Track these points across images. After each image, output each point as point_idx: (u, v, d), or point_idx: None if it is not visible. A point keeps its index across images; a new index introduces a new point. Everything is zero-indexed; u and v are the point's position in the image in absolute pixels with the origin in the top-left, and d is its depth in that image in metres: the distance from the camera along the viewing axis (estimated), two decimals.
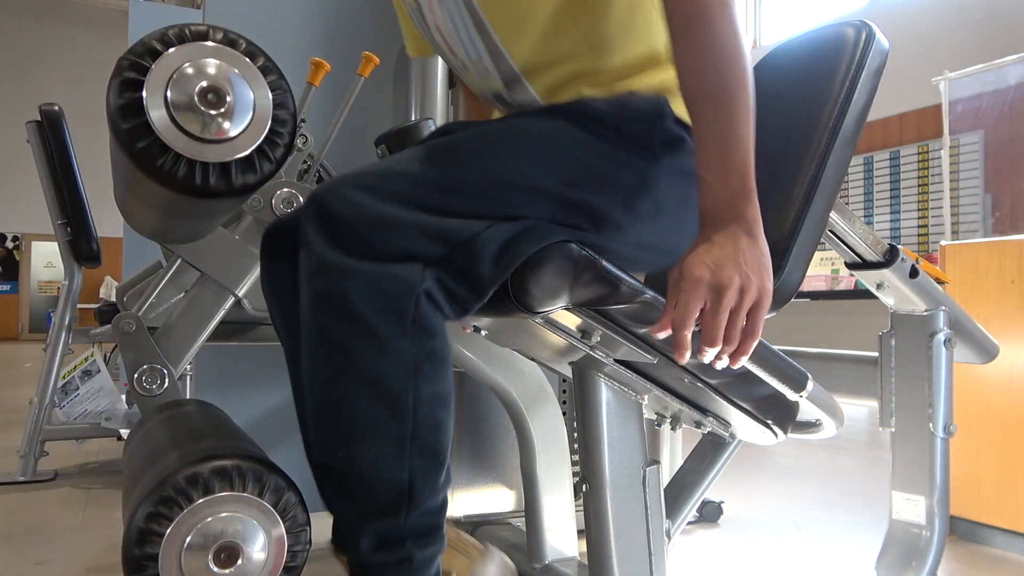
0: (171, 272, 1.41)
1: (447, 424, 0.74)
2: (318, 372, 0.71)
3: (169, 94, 0.68)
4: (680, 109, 0.87)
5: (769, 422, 1.10)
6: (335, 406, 0.70)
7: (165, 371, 1.27)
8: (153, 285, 1.41)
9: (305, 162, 1.48)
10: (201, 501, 0.67)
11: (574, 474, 1.64)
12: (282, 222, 0.82)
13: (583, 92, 0.90)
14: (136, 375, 1.23)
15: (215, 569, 0.66)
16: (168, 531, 0.66)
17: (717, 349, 0.78)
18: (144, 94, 0.67)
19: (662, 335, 0.79)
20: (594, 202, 0.82)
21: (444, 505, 0.76)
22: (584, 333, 0.89)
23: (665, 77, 0.91)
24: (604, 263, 0.82)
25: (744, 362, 0.81)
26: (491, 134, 0.85)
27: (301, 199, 1.38)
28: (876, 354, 1.42)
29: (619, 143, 0.84)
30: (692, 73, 0.80)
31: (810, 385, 1.06)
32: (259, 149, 0.73)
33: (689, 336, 0.77)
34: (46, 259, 13.63)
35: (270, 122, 0.73)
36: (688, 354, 0.78)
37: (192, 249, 1.31)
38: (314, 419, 0.73)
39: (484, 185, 0.76)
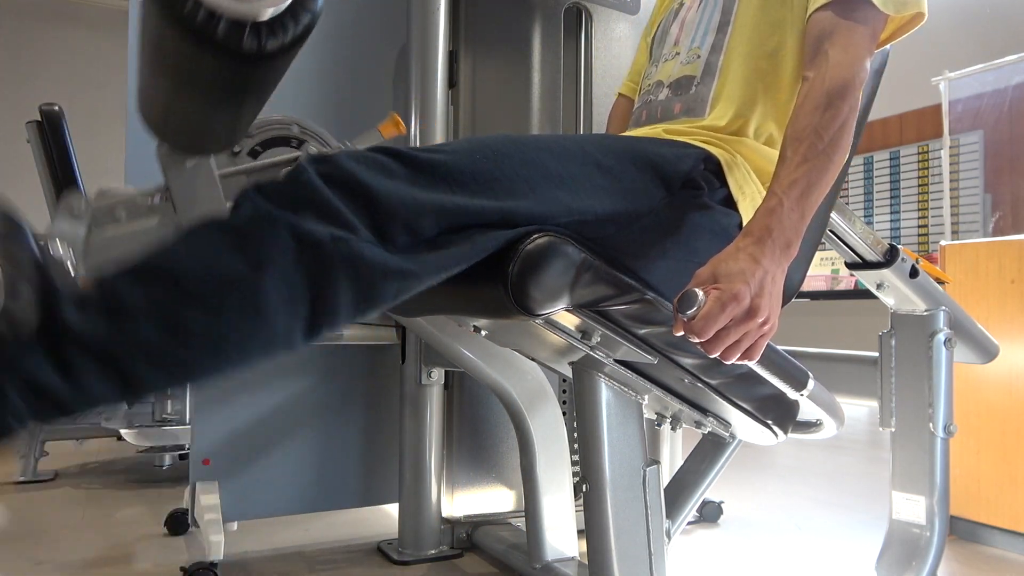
0: (148, 202, 1.30)
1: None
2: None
3: None
4: (732, 180, 0.97)
5: (769, 422, 1.10)
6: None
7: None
8: (125, 202, 1.30)
9: None
10: None
11: (574, 474, 1.64)
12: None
13: (726, 113, 1.03)
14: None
15: None
16: None
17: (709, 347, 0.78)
18: None
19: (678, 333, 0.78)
20: (598, 207, 0.83)
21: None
22: (584, 333, 0.89)
23: (757, 158, 1.02)
24: (604, 264, 0.82)
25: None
26: (532, 137, 0.92)
27: None
28: (876, 354, 1.42)
29: (648, 172, 0.90)
30: (814, 128, 0.87)
31: (811, 383, 1.06)
32: (256, 25, 0.70)
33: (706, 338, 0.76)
34: None
35: (285, 7, 0.71)
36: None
37: (180, 180, 1.26)
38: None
39: (502, 170, 0.77)
